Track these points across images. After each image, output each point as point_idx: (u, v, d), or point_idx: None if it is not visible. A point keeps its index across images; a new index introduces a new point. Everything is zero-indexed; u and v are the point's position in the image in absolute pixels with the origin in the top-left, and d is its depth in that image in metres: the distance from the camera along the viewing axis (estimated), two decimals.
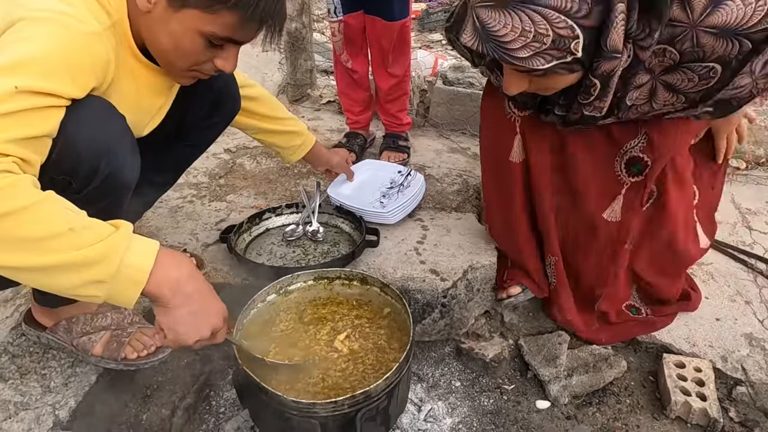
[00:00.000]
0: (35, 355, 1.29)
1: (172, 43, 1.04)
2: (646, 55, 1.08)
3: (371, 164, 2.04)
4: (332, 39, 2.16)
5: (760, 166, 2.26)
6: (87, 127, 0.96)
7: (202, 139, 1.47)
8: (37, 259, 0.82)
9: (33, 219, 0.81)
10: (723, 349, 1.51)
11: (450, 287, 1.53)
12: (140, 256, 0.88)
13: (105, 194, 1.06)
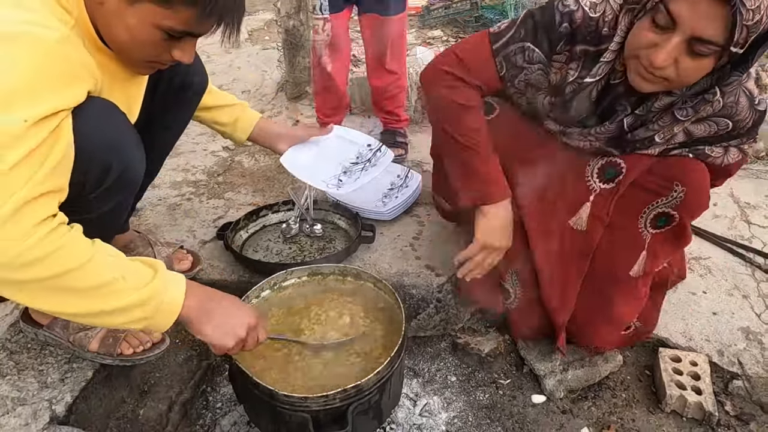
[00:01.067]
0: (33, 351, 1.30)
1: (129, 36, 1.01)
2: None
3: (338, 130, 1.74)
4: (314, 36, 2.07)
5: (759, 159, 2.25)
6: (95, 127, 0.97)
7: (177, 119, 1.44)
8: (92, 306, 0.92)
9: (88, 273, 0.91)
10: (719, 343, 1.51)
11: (445, 282, 1.54)
12: (174, 292, 1.00)
13: (117, 192, 1.09)
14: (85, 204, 1.02)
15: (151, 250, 1.52)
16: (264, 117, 1.61)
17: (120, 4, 0.98)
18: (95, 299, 0.92)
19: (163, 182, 2.05)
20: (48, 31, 0.89)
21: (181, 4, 0.97)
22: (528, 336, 1.55)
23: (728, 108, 1.18)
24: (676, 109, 1.18)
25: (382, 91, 2.19)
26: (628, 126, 1.23)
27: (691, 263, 1.76)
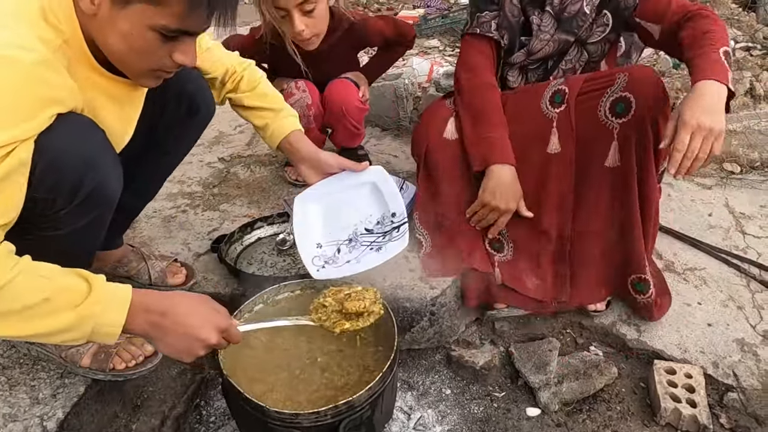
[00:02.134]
0: (25, 366, 1.30)
1: (125, 44, 1.00)
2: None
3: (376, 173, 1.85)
4: (290, 99, 1.91)
5: (754, 170, 2.25)
6: (67, 144, 0.96)
7: (177, 146, 1.44)
8: (17, 329, 0.91)
9: (9, 296, 0.88)
10: (714, 354, 1.50)
11: (439, 295, 1.54)
12: (112, 314, 0.96)
13: (90, 210, 1.07)
14: (57, 220, 1.00)
15: (145, 264, 1.52)
16: (299, 131, 1.51)
17: (111, 11, 0.97)
18: (19, 323, 0.90)
19: (159, 194, 2.01)
20: (24, 52, 0.88)
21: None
22: (529, 291, 1.61)
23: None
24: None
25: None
26: (553, 10, 1.57)
27: (686, 274, 1.76)
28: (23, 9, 0.95)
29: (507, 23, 1.64)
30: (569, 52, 1.64)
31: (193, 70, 1.32)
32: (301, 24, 1.73)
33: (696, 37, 1.37)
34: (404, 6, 3.96)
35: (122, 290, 0.99)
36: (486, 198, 1.54)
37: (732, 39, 2.67)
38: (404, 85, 2.46)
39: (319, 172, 1.50)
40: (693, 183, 2.20)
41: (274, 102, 1.50)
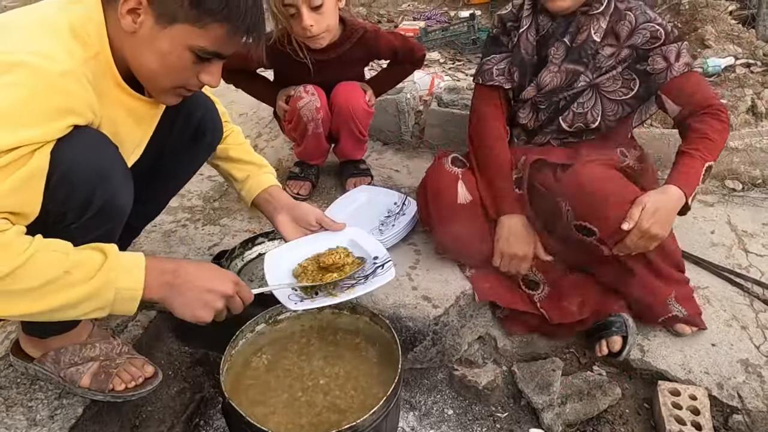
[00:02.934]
0: (22, 386, 1.28)
1: (159, 62, 1.04)
2: None
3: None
4: (298, 104, 1.95)
5: (756, 187, 2.24)
6: (80, 157, 0.97)
7: (183, 169, 1.45)
8: (41, 304, 0.92)
9: (29, 273, 0.90)
10: (719, 375, 1.49)
11: (442, 314, 1.52)
12: (131, 278, 0.99)
13: (100, 223, 1.07)
14: (68, 234, 1.01)
15: None
16: (279, 187, 1.50)
17: (153, 30, 1.02)
18: (42, 298, 0.92)
19: None
20: (50, 63, 0.91)
21: (214, 23, 1.01)
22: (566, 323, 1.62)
23: (642, 17, 1.53)
24: (596, 14, 1.53)
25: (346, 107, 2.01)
26: (570, 41, 1.56)
27: None
28: (53, 25, 0.98)
29: (519, 61, 1.64)
30: (583, 95, 1.61)
31: (203, 94, 1.36)
32: (309, 19, 1.74)
33: (699, 138, 1.50)
34: (404, 18, 3.97)
35: (135, 256, 1.03)
36: (502, 247, 1.58)
37: (732, 56, 2.68)
38: (406, 99, 2.45)
39: (296, 226, 1.46)
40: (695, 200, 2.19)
41: (259, 159, 1.55)
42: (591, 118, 1.61)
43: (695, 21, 3.05)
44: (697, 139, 1.50)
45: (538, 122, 1.66)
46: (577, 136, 1.65)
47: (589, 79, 1.58)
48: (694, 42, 2.91)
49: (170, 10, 1.00)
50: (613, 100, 1.60)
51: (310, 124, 1.98)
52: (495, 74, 1.68)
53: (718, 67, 2.60)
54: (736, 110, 2.27)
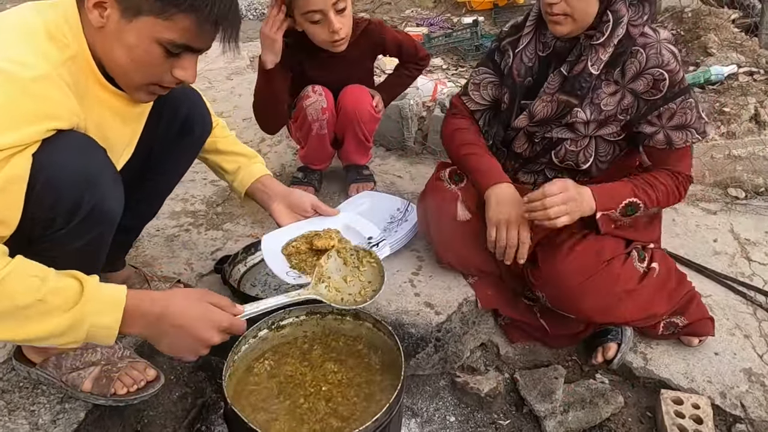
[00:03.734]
0: (24, 390, 1.28)
1: (128, 56, 1.02)
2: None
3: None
4: (305, 102, 1.96)
5: (759, 195, 2.24)
6: (66, 161, 0.96)
7: (174, 166, 1.43)
8: (11, 332, 0.91)
9: (1, 294, 0.87)
10: (722, 384, 1.49)
11: (444, 321, 1.52)
12: (107, 315, 0.96)
13: (90, 228, 1.06)
14: (57, 240, 1.00)
15: (148, 286, 1.50)
16: (271, 176, 1.53)
17: (119, 24, 1.00)
18: (13, 324, 0.90)
19: (162, 212, 2.03)
20: (23, 68, 0.90)
21: (179, 13, 0.99)
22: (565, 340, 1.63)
23: (654, 59, 1.38)
24: (596, 44, 1.38)
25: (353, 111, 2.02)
26: (567, 70, 1.44)
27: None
28: (27, 28, 0.97)
29: (510, 82, 1.55)
30: (579, 129, 1.49)
31: (190, 89, 1.34)
32: (338, 23, 1.76)
33: (647, 181, 1.45)
34: (408, 24, 3.98)
35: (116, 291, 0.99)
36: (492, 216, 1.48)
37: (735, 64, 2.68)
38: (409, 105, 2.46)
39: (291, 212, 1.51)
40: (698, 208, 2.20)
41: (248, 150, 1.54)
42: (582, 158, 1.52)
43: (698, 29, 3.06)
44: (645, 180, 1.46)
45: (533, 153, 1.58)
46: (571, 172, 1.56)
47: (586, 118, 1.46)
48: (697, 50, 2.92)
49: (135, 2, 0.98)
50: (606, 140, 1.51)
51: (314, 124, 1.98)
52: (470, 89, 1.65)
53: (721, 75, 2.60)
54: (739, 118, 2.27)
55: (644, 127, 1.44)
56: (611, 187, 1.46)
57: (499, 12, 3.96)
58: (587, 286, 1.42)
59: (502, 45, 1.58)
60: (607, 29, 1.36)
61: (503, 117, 1.61)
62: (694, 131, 1.43)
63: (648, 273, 1.49)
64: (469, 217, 1.59)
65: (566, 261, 1.44)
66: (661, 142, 1.44)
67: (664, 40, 1.39)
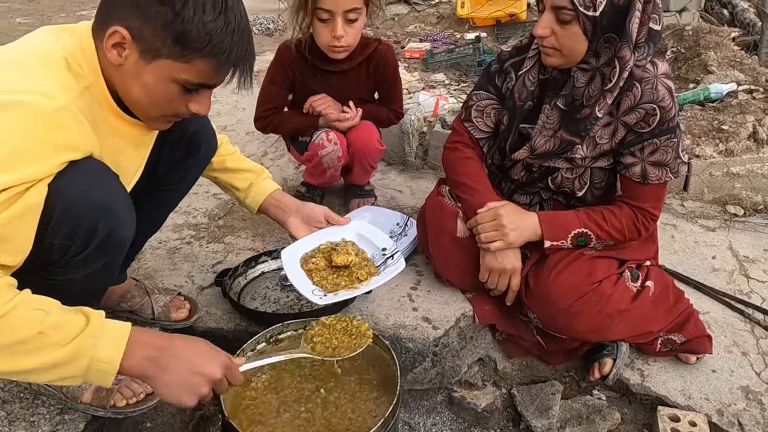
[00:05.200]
0: (25, 401, 1.29)
1: (145, 94, 1.05)
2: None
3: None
4: (321, 152, 1.97)
5: (758, 213, 2.25)
6: (82, 190, 0.98)
7: (177, 183, 1.45)
8: (9, 364, 0.89)
9: (3, 329, 0.87)
10: (719, 402, 1.49)
11: (442, 336, 1.53)
12: (109, 349, 0.94)
13: (104, 254, 1.09)
14: (72, 265, 1.03)
15: (148, 298, 1.52)
16: (281, 190, 1.57)
17: (138, 64, 1.03)
18: (12, 357, 0.89)
19: (165, 225, 2.02)
20: (46, 100, 0.92)
21: (198, 58, 1.02)
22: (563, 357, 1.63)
23: (649, 93, 1.38)
24: (597, 81, 1.40)
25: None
26: (566, 105, 1.46)
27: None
28: (48, 59, 1.00)
29: (511, 104, 1.56)
30: (576, 162, 1.50)
31: None
32: (342, 30, 1.79)
33: (602, 215, 1.48)
34: (411, 40, 4.02)
35: (121, 326, 0.98)
36: (487, 263, 1.52)
37: (735, 82, 2.70)
38: (410, 120, 2.48)
39: (306, 225, 1.54)
40: (697, 225, 2.20)
41: (256, 166, 1.57)
42: (578, 185, 1.53)
43: (698, 47, 3.08)
44: (598, 212, 1.48)
45: (530, 180, 1.61)
46: (566, 196, 1.59)
47: (584, 154, 1.47)
48: (697, 68, 2.94)
49: (154, 46, 1.01)
50: (601, 169, 1.53)
51: (329, 170, 2.03)
52: (474, 116, 1.64)
53: (721, 93, 2.62)
54: (738, 136, 2.28)
55: (626, 157, 1.46)
56: (561, 215, 1.51)
57: (501, 28, 4.00)
58: (577, 307, 1.44)
59: (505, 66, 1.58)
60: (614, 75, 1.36)
61: (500, 138, 1.62)
62: (668, 170, 1.44)
63: (642, 292, 1.50)
64: (469, 233, 1.60)
65: (556, 282, 1.46)
66: (636, 175, 1.46)
67: (661, 75, 1.40)
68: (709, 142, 2.31)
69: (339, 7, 1.77)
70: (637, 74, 1.39)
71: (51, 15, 5.71)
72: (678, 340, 1.55)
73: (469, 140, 1.67)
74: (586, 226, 1.47)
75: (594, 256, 1.50)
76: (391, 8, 4.79)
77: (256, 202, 1.53)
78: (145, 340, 0.99)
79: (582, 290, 1.44)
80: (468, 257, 1.59)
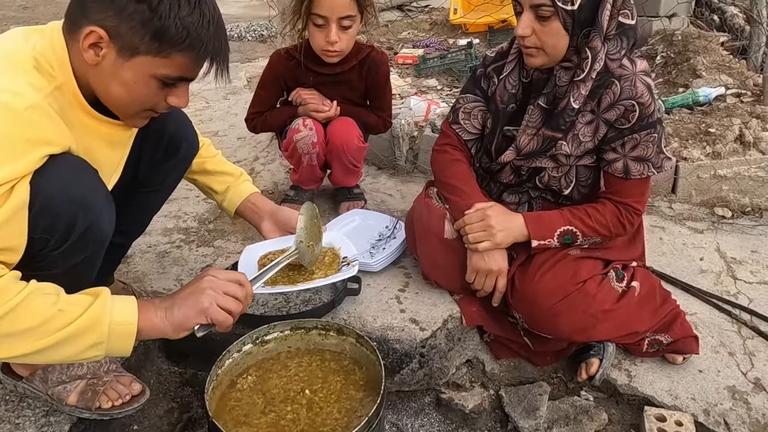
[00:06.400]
0: (11, 404, 1.29)
1: (125, 91, 1.07)
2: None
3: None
4: (295, 136, 1.99)
5: (745, 215, 2.26)
6: (60, 185, 0.99)
7: (160, 184, 1.46)
8: (39, 343, 0.95)
9: (24, 313, 0.93)
10: (705, 402, 1.50)
11: (429, 337, 1.53)
12: (124, 313, 1.01)
13: (83, 248, 1.09)
14: (51, 259, 1.04)
15: None
16: (259, 193, 1.58)
17: (116, 63, 1.04)
18: (38, 338, 0.94)
19: (154, 229, 2.06)
20: (16, 97, 0.94)
21: (177, 53, 1.04)
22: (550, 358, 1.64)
23: (628, 90, 1.40)
24: (576, 80, 1.41)
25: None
26: (547, 103, 1.47)
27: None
28: (16, 59, 1.01)
29: (494, 108, 1.58)
30: (561, 160, 1.52)
31: (175, 109, 1.36)
32: (335, 36, 1.84)
33: (585, 212, 1.49)
34: (403, 46, 4.04)
35: (126, 296, 1.05)
36: (474, 264, 1.53)
37: (723, 85, 2.72)
38: (401, 124, 2.50)
39: (279, 230, 1.56)
40: (685, 227, 2.22)
41: (235, 169, 1.58)
42: (564, 183, 1.55)
43: (687, 51, 3.11)
44: (582, 209, 1.50)
45: (518, 180, 1.62)
46: (554, 194, 1.60)
47: (569, 151, 1.49)
48: (686, 72, 2.97)
49: (132, 44, 1.02)
50: (586, 167, 1.54)
51: (304, 157, 2.03)
52: (461, 118, 1.66)
53: (709, 96, 2.64)
54: (725, 139, 2.30)
55: (608, 153, 1.48)
56: (546, 214, 1.52)
57: (493, 34, 4.02)
58: (561, 307, 1.44)
59: (488, 71, 1.61)
60: (586, 66, 1.38)
61: (486, 141, 1.64)
62: (650, 165, 1.46)
63: (627, 292, 1.51)
64: (456, 235, 1.61)
65: (541, 282, 1.47)
66: (618, 171, 1.47)
67: (640, 72, 1.42)
68: (696, 145, 2.33)
69: (334, 13, 1.81)
70: (617, 72, 1.40)
71: (45, 23, 5.72)
72: (665, 341, 1.56)
73: (457, 142, 1.69)
74: (571, 223, 1.48)
75: (579, 256, 1.51)
76: (384, 15, 4.82)
77: (233, 205, 1.55)
78: (152, 301, 1.07)
79: (566, 290, 1.45)
80: (455, 258, 1.60)
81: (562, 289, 1.45)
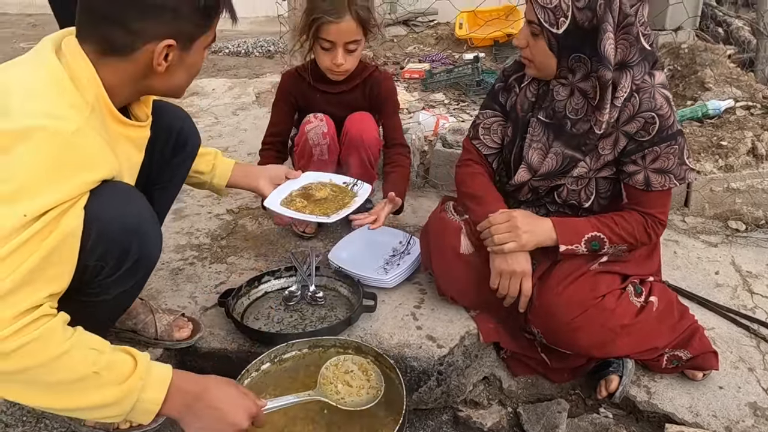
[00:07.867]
0: (28, 424, 1.28)
1: (186, 74, 1.16)
2: None
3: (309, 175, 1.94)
4: (305, 128, 2.01)
5: (759, 228, 2.25)
6: (116, 212, 1.02)
7: (169, 180, 1.47)
8: (64, 402, 0.95)
9: (63, 366, 0.92)
10: (727, 419, 1.48)
11: (446, 354, 1.52)
12: (154, 391, 1.01)
13: (135, 273, 1.13)
14: (104, 286, 1.06)
15: (152, 317, 1.51)
16: (239, 162, 1.67)
17: (180, 56, 1.11)
18: (67, 395, 0.94)
19: (167, 246, 2.06)
20: (63, 122, 0.94)
21: (215, 17, 1.14)
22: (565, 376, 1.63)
23: (647, 102, 1.40)
24: (577, 96, 1.45)
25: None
26: (546, 117, 1.51)
27: None
28: (53, 76, 1.01)
29: (515, 116, 1.60)
30: (578, 172, 1.51)
31: (177, 107, 1.46)
32: (342, 59, 1.90)
33: (613, 220, 1.48)
34: (410, 60, 4.06)
35: (164, 369, 1.04)
36: (498, 266, 1.51)
37: (732, 98, 2.72)
38: (411, 139, 2.50)
39: (273, 184, 1.69)
40: (699, 240, 2.21)
41: (210, 149, 1.63)
42: (584, 196, 1.55)
43: (695, 64, 3.11)
44: (609, 217, 1.49)
45: (536, 196, 1.62)
46: (572, 209, 1.60)
47: (588, 167, 1.49)
48: (694, 85, 2.97)
49: (190, 33, 1.10)
50: (605, 178, 1.54)
51: (315, 149, 2.03)
52: (481, 133, 1.68)
53: (718, 109, 2.64)
54: (737, 152, 2.30)
55: (628, 165, 1.47)
56: (573, 220, 1.51)
57: (499, 48, 4.05)
58: (580, 322, 1.43)
59: (510, 82, 1.62)
60: (601, 96, 1.38)
61: (506, 150, 1.64)
62: (672, 176, 1.45)
63: (646, 307, 1.50)
64: (473, 250, 1.60)
65: (560, 296, 1.46)
66: (640, 183, 1.47)
67: (658, 84, 1.42)
68: (708, 158, 2.33)
69: (341, 39, 1.86)
70: (635, 85, 1.41)
71: None
72: (684, 357, 1.54)
73: (478, 157, 1.70)
74: (599, 230, 1.47)
75: (598, 271, 1.50)
76: (390, 30, 4.86)
77: (224, 178, 1.61)
78: (183, 387, 1.05)
79: (585, 305, 1.44)
80: (472, 274, 1.59)
81: (581, 304, 1.44)
